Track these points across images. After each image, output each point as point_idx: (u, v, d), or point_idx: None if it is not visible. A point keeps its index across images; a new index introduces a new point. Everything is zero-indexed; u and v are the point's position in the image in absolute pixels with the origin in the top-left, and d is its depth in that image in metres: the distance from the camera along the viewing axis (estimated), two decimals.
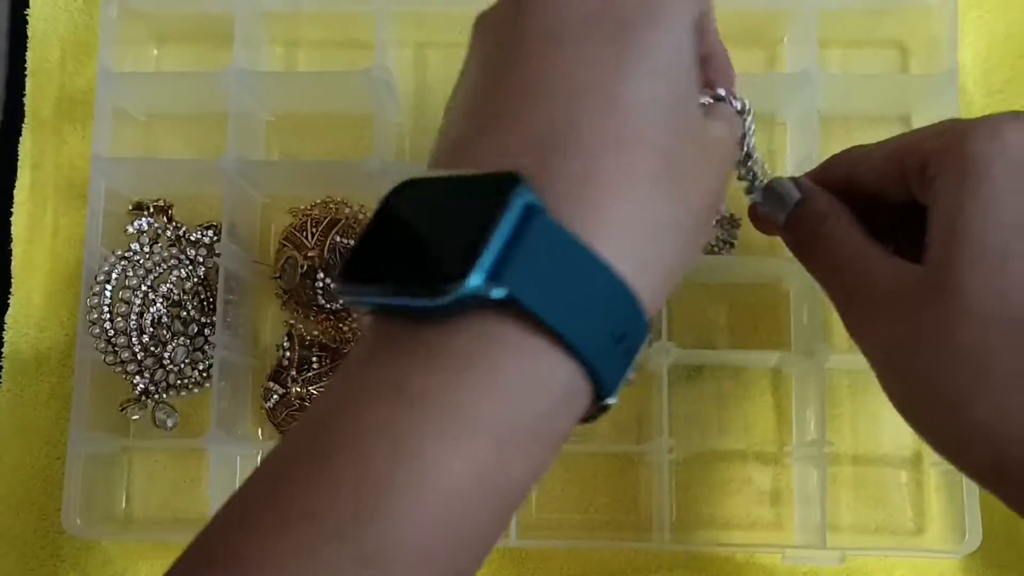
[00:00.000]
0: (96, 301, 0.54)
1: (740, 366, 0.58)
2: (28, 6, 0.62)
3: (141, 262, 0.55)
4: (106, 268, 0.55)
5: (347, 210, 0.59)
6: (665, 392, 0.54)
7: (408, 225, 0.29)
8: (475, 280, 0.26)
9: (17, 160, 0.60)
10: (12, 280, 0.59)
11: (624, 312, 0.28)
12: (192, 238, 0.57)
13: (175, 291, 0.56)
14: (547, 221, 0.27)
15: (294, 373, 0.57)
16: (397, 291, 0.28)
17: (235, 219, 0.56)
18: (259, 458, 0.58)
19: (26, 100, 0.61)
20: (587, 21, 0.30)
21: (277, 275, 0.58)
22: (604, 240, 0.28)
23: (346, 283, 0.29)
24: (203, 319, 0.56)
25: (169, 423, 0.56)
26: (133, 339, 0.54)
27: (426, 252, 0.28)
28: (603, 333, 0.28)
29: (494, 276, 0.26)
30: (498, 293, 0.26)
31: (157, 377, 0.55)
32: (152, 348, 0.55)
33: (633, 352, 0.29)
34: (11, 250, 0.59)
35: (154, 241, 0.56)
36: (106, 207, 0.56)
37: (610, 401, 0.30)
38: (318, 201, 0.60)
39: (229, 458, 0.55)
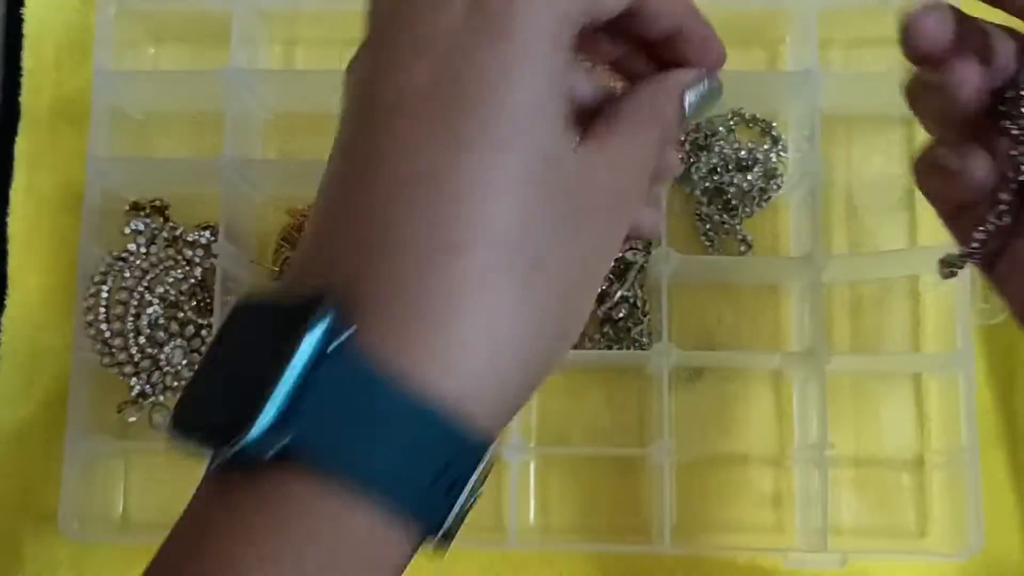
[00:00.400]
0: (93, 302, 0.54)
1: (741, 368, 0.58)
2: (24, 5, 0.61)
3: (138, 263, 0.55)
4: (103, 269, 0.54)
5: None
6: (666, 394, 0.53)
7: (220, 361, 0.26)
8: (256, 430, 0.23)
9: (13, 160, 0.60)
10: (8, 281, 0.59)
11: (447, 445, 0.25)
12: (189, 239, 0.57)
13: (172, 292, 0.55)
14: (347, 354, 0.24)
15: None
16: (202, 440, 0.25)
17: (232, 219, 0.56)
18: None
19: (22, 100, 0.61)
20: (424, 93, 0.27)
21: (275, 276, 0.58)
22: (426, 363, 0.25)
23: (172, 429, 0.26)
24: (200, 320, 0.56)
25: (166, 425, 0.55)
26: (130, 340, 0.54)
27: (226, 395, 0.25)
28: (420, 472, 0.25)
29: (281, 424, 0.23)
30: (284, 443, 0.24)
31: (154, 379, 0.55)
32: (149, 349, 0.54)
33: (464, 481, 0.26)
34: (7, 251, 0.59)
35: (151, 242, 0.56)
36: (102, 207, 0.56)
37: (450, 531, 0.27)
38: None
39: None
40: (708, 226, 0.58)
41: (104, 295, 0.54)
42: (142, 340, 0.54)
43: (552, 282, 0.27)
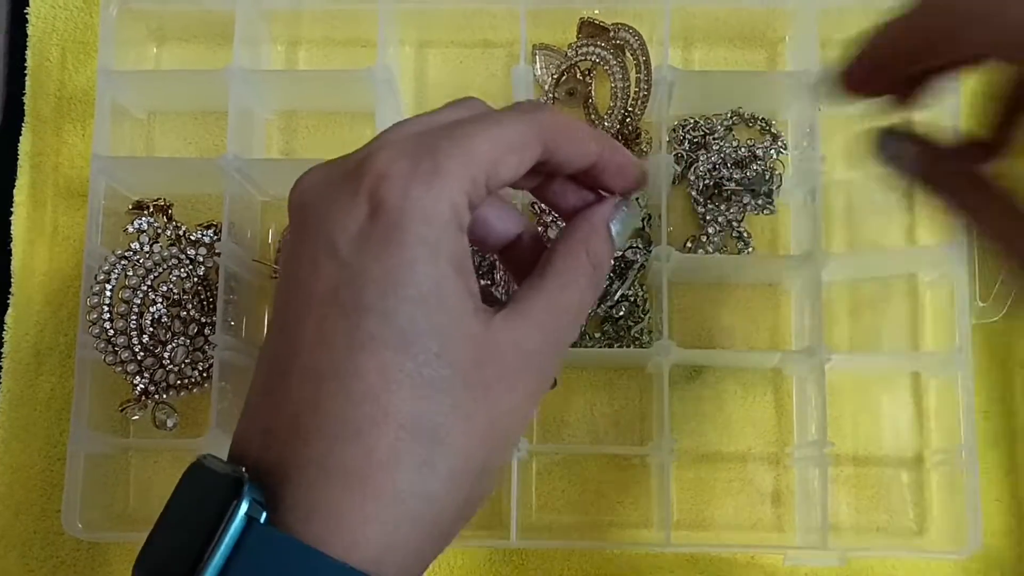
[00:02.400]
0: (96, 301, 0.54)
1: (741, 366, 0.58)
2: (28, 5, 0.61)
3: (141, 262, 0.55)
4: (106, 268, 0.54)
5: None
6: (666, 392, 0.53)
7: (171, 521, 0.30)
8: None
9: (17, 159, 0.60)
10: (12, 280, 0.59)
11: None
12: (192, 237, 0.57)
13: (175, 291, 0.56)
14: (272, 525, 0.28)
15: None
16: None
17: (235, 218, 0.56)
18: None
19: (26, 99, 0.61)
20: (330, 295, 0.30)
21: (277, 275, 0.58)
22: (339, 534, 0.28)
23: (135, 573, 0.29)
24: (203, 319, 0.56)
25: (169, 423, 0.56)
26: (133, 339, 0.54)
27: (174, 556, 0.28)
28: None
29: None
30: None
31: (157, 377, 0.55)
32: (152, 348, 0.55)
33: None
34: (11, 250, 0.59)
35: (154, 240, 0.56)
36: (106, 206, 0.56)
37: None
38: None
39: None
40: (708, 225, 0.58)
41: (107, 294, 0.54)
42: (145, 339, 0.54)
43: (456, 454, 0.30)
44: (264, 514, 0.28)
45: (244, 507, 0.28)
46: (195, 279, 0.56)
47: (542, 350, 0.32)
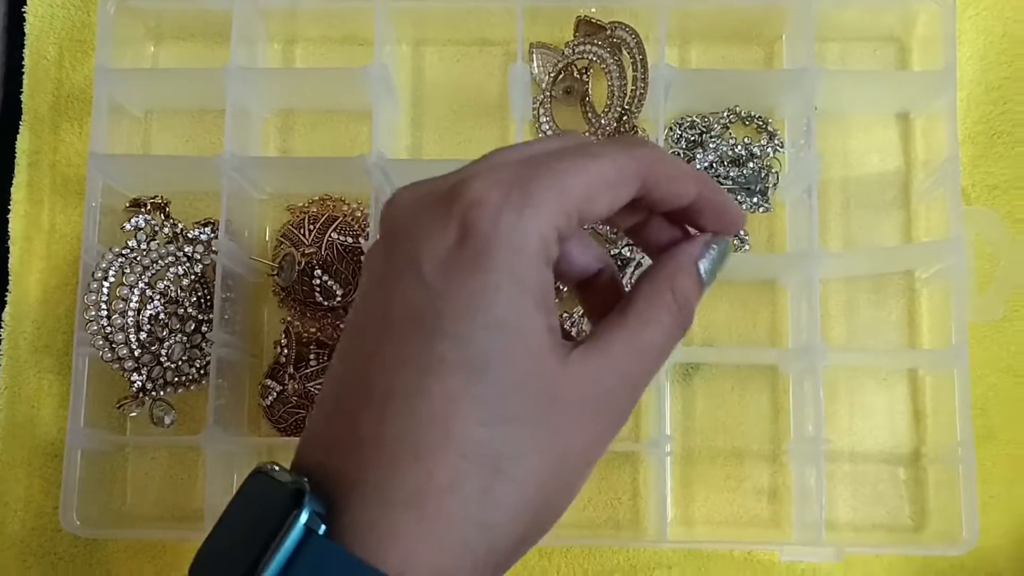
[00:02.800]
0: (94, 298, 0.54)
1: (738, 363, 0.58)
2: (25, 3, 0.61)
3: (138, 259, 0.55)
4: (103, 265, 0.54)
5: (345, 207, 0.59)
6: (664, 389, 0.54)
7: (231, 524, 0.30)
8: None
9: (14, 157, 0.60)
10: (9, 277, 0.59)
11: None
12: (190, 235, 0.57)
13: (172, 288, 0.56)
14: (329, 538, 0.28)
15: (291, 370, 0.57)
16: None
17: (233, 216, 0.56)
18: (256, 455, 0.58)
19: (23, 97, 0.61)
20: (409, 317, 0.30)
21: (275, 272, 0.58)
22: (395, 553, 0.28)
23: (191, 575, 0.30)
24: (200, 316, 0.56)
25: (167, 420, 0.56)
26: (131, 336, 0.54)
27: (232, 562, 0.28)
28: None
29: None
30: None
31: (155, 374, 0.55)
32: (149, 345, 0.55)
33: None
34: (8, 247, 0.59)
35: (151, 238, 0.56)
36: (103, 204, 0.56)
37: None
38: (316, 198, 0.60)
39: (226, 456, 0.55)
40: None
41: (105, 291, 0.54)
42: (143, 336, 0.54)
43: (518, 486, 0.29)
44: (323, 527, 0.28)
45: (304, 517, 0.28)
46: (192, 276, 0.56)
47: (618, 390, 0.32)
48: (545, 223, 0.30)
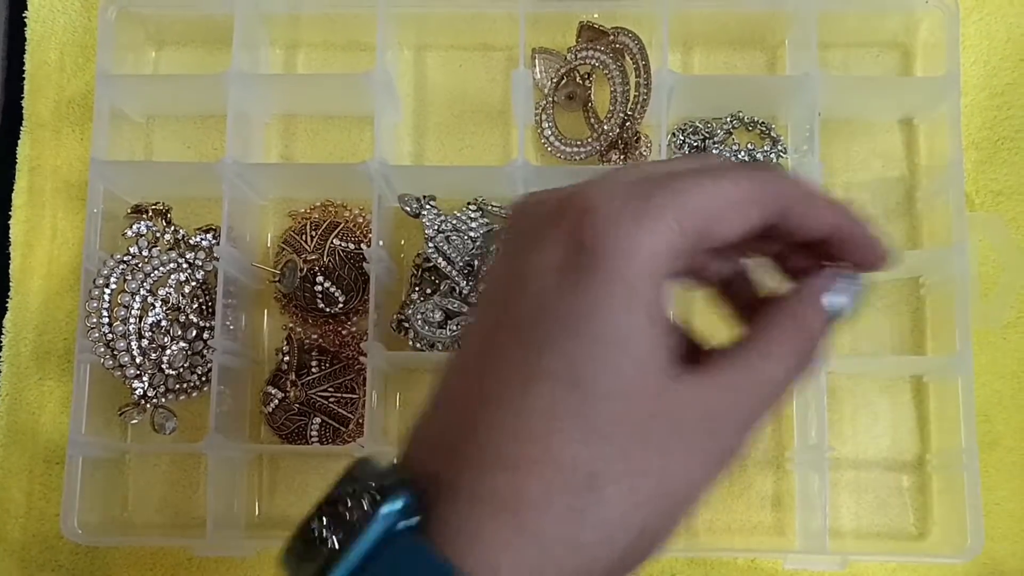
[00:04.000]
0: (95, 305, 0.54)
1: None
2: (26, 8, 0.61)
3: (140, 266, 0.55)
4: (105, 272, 0.54)
5: (347, 213, 0.59)
6: None
7: (322, 509, 0.30)
8: None
9: (15, 163, 0.60)
10: (11, 284, 0.59)
11: None
12: (191, 242, 0.57)
13: (174, 295, 0.55)
14: (413, 538, 0.28)
15: (293, 377, 0.57)
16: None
17: (234, 222, 0.56)
18: (258, 462, 0.57)
19: (24, 103, 0.61)
20: (518, 327, 0.29)
21: (276, 279, 0.58)
22: (478, 560, 0.28)
23: (282, 558, 0.30)
24: (202, 323, 0.56)
25: (168, 427, 0.55)
26: (132, 343, 0.54)
27: (313, 547, 0.29)
28: None
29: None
30: None
31: (156, 381, 0.55)
32: (151, 352, 0.55)
33: None
34: (10, 254, 0.59)
35: (153, 245, 0.56)
36: (105, 210, 0.56)
37: None
38: (318, 204, 0.59)
39: (228, 462, 0.55)
40: None
41: (106, 297, 0.54)
42: (144, 342, 0.54)
43: (611, 507, 0.28)
44: (415, 519, 0.28)
45: (396, 507, 0.28)
46: (194, 283, 0.56)
47: (729, 418, 0.30)
48: (660, 238, 0.29)
